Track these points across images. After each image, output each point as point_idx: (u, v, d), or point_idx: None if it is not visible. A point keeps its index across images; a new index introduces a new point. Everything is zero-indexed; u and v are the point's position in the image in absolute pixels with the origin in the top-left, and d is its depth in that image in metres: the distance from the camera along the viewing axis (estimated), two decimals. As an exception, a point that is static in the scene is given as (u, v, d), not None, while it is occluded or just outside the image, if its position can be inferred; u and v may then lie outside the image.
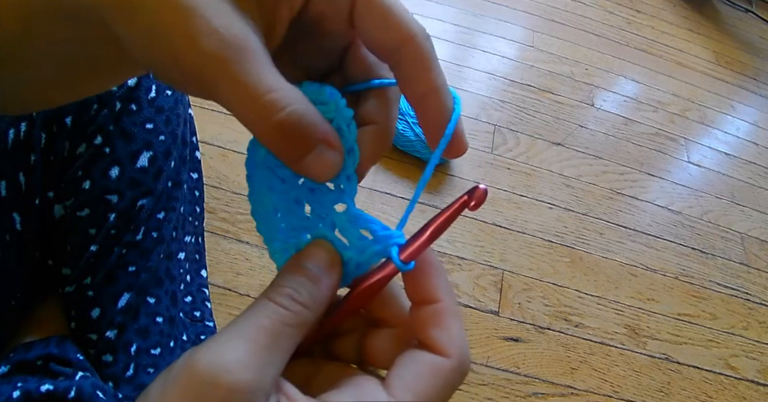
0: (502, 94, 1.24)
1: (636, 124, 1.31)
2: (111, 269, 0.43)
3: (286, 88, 0.18)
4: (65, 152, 0.41)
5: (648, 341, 0.89)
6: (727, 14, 1.95)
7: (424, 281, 0.21)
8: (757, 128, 1.46)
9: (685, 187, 1.19)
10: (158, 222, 0.45)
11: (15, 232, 0.39)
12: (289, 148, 0.19)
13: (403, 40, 0.19)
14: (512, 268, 0.92)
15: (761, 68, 1.71)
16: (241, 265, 0.80)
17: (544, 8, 1.59)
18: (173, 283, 0.49)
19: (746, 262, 1.08)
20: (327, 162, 0.19)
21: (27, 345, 0.41)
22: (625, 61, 1.51)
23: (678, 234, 1.08)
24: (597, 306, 0.92)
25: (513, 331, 0.84)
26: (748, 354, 0.93)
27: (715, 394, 0.86)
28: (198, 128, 0.56)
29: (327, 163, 0.19)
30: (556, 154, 1.16)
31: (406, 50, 0.19)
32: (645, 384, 0.84)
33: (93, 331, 0.43)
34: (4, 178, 0.37)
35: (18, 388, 0.36)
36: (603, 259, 0.99)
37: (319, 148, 0.19)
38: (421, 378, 0.19)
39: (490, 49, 1.36)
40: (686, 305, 0.97)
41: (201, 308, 0.60)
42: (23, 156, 0.38)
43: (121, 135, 0.42)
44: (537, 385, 0.79)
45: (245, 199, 0.90)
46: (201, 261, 0.63)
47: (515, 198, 1.03)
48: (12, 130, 0.37)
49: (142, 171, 0.43)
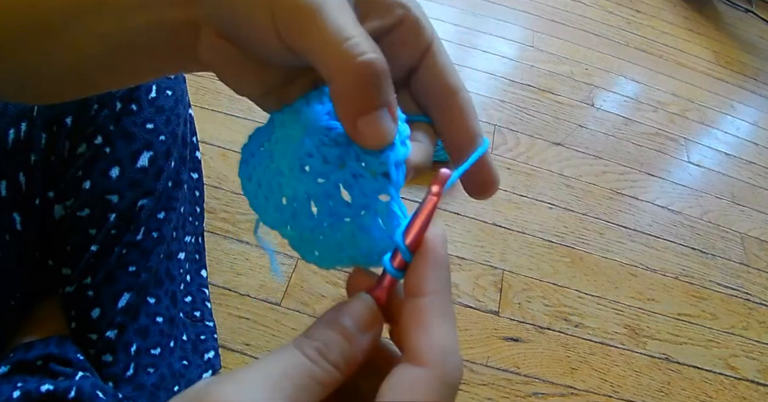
0: (502, 94, 1.24)
1: (636, 124, 1.31)
2: (111, 269, 0.43)
3: (370, 39, 0.18)
4: (65, 152, 0.41)
5: (648, 341, 0.89)
6: (727, 14, 1.95)
7: (414, 271, 0.19)
8: (757, 128, 1.46)
9: (685, 187, 1.19)
10: (158, 222, 0.45)
11: (15, 232, 0.39)
12: (357, 97, 0.18)
13: (451, 93, 0.23)
14: (512, 268, 0.92)
15: (761, 68, 1.71)
16: (241, 265, 0.80)
17: (544, 8, 1.59)
18: (173, 283, 0.49)
19: (746, 262, 1.08)
20: (384, 127, 0.19)
21: (27, 345, 0.41)
22: (625, 61, 1.51)
23: (678, 234, 1.08)
24: (597, 306, 0.92)
25: (513, 331, 0.84)
26: (748, 354, 0.93)
27: (715, 394, 0.86)
28: (198, 128, 0.56)
29: (384, 127, 0.19)
30: (556, 154, 1.16)
31: (453, 102, 0.22)
32: (645, 384, 0.84)
33: (93, 331, 0.43)
34: (4, 178, 0.37)
35: (18, 388, 0.36)
36: (603, 259, 0.99)
37: (381, 111, 0.19)
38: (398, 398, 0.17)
39: (489, 49, 1.36)
40: (686, 305, 0.97)
41: (201, 308, 0.60)
42: (23, 156, 0.38)
43: (122, 135, 0.42)
44: (537, 385, 0.79)
45: (245, 199, 0.90)
46: (201, 261, 0.63)
47: (515, 198, 1.03)
48: (12, 130, 0.37)
49: (142, 171, 0.43)
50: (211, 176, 0.88)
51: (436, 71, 0.22)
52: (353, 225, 0.21)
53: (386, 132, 0.19)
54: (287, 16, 0.18)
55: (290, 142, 0.21)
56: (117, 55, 0.21)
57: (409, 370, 0.17)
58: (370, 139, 0.19)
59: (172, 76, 0.46)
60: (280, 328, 0.75)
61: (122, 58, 0.21)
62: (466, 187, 0.24)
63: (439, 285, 0.19)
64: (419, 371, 0.17)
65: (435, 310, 0.18)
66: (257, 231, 0.23)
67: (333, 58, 0.18)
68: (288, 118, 0.22)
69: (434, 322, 0.18)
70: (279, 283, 0.79)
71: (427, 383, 0.17)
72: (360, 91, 0.18)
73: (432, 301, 0.18)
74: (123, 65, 0.21)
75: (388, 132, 0.19)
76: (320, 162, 0.20)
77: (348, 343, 0.18)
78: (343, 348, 0.18)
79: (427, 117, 0.24)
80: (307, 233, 0.21)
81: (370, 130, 0.19)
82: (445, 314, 0.18)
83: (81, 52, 0.20)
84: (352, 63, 0.18)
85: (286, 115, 0.22)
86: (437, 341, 0.18)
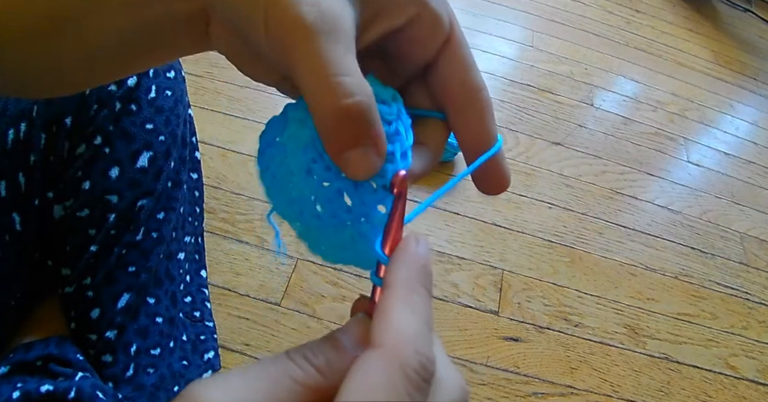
0: (502, 94, 1.24)
1: (635, 123, 1.31)
2: (111, 270, 0.43)
3: (360, 76, 0.18)
4: (65, 152, 0.40)
5: (648, 341, 0.89)
6: (727, 14, 1.95)
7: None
8: (757, 128, 1.46)
9: (685, 186, 1.19)
10: (158, 222, 0.45)
11: (15, 233, 0.39)
12: (339, 136, 0.18)
13: (471, 92, 0.22)
14: (512, 268, 0.92)
15: (760, 68, 1.71)
16: (240, 265, 0.80)
17: (543, 8, 1.59)
18: (173, 283, 0.49)
19: (746, 262, 1.08)
20: (367, 163, 0.19)
21: (27, 345, 0.41)
22: (625, 60, 1.51)
23: (677, 234, 1.08)
24: (597, 306, 0.92)
25: (513, 331, 0.84)
26: (748, 353, 0.93)
27: (715, 394, 0.86)
28: (198, 128, 0.56)
29: (367, 164, 0.19)
30: (555, 153, 1.16)
31: (473, 101, 0.22)
32: (645, 383, 0.84)
33: (93, 331, 0.43)
34: (4, 178, 0.37)
35: (18, 389, 0.36)
36: (603, 258, 0.99)
37: (366, 147, 0.19)
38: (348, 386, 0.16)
39: (489, 48, 1.36)
40: (686, 305, 0.97)
41: (201, 308, 0.60)
42: (23, 156, 0.38)
43: (121, 135, 0.42)
44: (537, 385, 0.79)
45: (245, 199, 0.90)
46: (201, 261, 0.63)
47: (515, 198, 1.03)
48: (11, 131, 0.37)
49: (141, 171, 0.43)
50: (211, 176, 0.88)
51: (455, 67, 0.22)
52: (353, 230, 0.21)
53: (368, 168, 0.19)
54: (281, 30, 0.17)
55: (299, 144, 0.21)
56: (130, 46, 0.21)
57: (363, 354, 0.17)
58: (353, 172, 0.19)
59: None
60: (279, 328, 0.75)
61: (134, 48, 0.21)
62: (478, 184, 0.24)
63: (403, 276, 0.19)
64: (370, 352, 0.17)
65: (396, 299, 0.18)
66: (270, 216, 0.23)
67: (318, 93, 0.18)
68: (298, 115, 0.22)
69: (394, 309, 0.18)
70: (280, 284, 0.79)
71: (377, 362, 0.16)
72: (342, 130, 0.18)
73: (394, 292, 0.18)
74: (135, 55, 0.21)
75: (370, 168, 0.19)
76: (323, 169, 0.21)
77: (336, 352, 0.18)
78: (329, 355, 0.18)
79: (441, 113, 0.23)
80: (314, 230, 0.22)
81: (352, 164, 0.19)
82: (408, 304, 0.18)
83: (95, 44, 0.20)
84: (335, 103, 0.17)
85: (298, 110, 0.22)
86: (394, 325, 0.17)
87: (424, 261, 0.19)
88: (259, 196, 0.89)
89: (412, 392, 0.16)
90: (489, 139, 0.23)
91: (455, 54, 0.22)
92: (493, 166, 0.23)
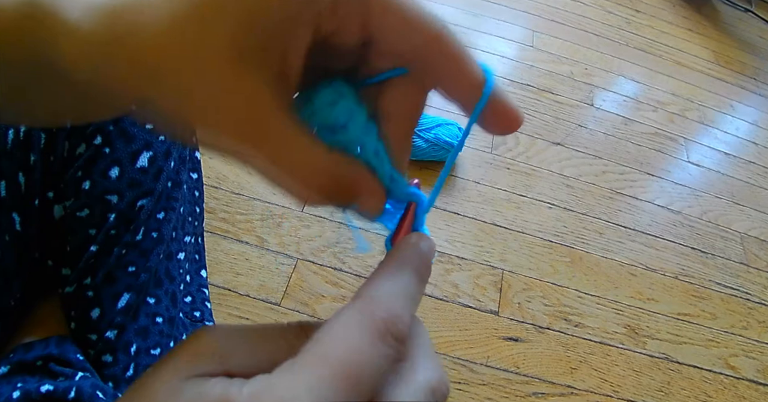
0: (502, 94, 1.24)
1: (635, 123, 1.31)
2: (111, 269, 0.43)
3: (316, 154, 0.18)
4: (65, 152, 0.40)
5: (648, 341, 0.89)
6: (727, 14, 1.95)
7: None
8: (757, 128, 1.46)
9: (685, 186, 1.19)
10: (158, 222, 0.45)
11: (15, 233, 0.39)
12: (333, 203, 0.20)
13: (426, 41, 0.18)
14: (512, 268, 0.92)
15: (760, 68, 1.71)
16: (240, 265, 0.80)
17: (543, 8, 1.59)
18: (173, 283, 0.49)
19: (746, 262, 1.08)
20: (371, 205, 0.21)
21: (27, 345, 0.41)
22: (625, 60, 1.51)
23: (677, 234, 1.08)
24: (597, 306, 0.92)
25: (513, 331, 0.84)
26: (748, 353, 0.93)
27: (715, 394, 0.86)
28: (198, 128, 0.56)
29: (371, 206, 0.21)
30: (555, 153, 1.16)
31: (434, 50, 0.18)
32: (645, 384, 0.84)
33: (93, 331, 0.43)
34: (4, 178, 0.37)
35: (18, 389, 0.36)
36: (603, 258, 0.99)
37: (361, 198, 0.20)
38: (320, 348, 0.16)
39: (489, 49, 1.36)
40: (686, 305, 0.97)
41: (201, 308, 0.60)
42: (23, 156, 0.38)
43: (121, 135, 0.42)
44: (537, 385, 0.79)
45: (245, 199, 0.90)
46: (201, 261, 0.63)
47: (515, 198, 1.03)
48: (12, 130, 0.37)
49: (141, 171, 0.43)
50: (211, 176, 0.88)
51: (393, 20, 0.18)
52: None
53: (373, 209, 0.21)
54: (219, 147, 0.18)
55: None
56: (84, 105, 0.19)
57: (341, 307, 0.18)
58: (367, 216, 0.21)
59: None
60: (279, 328, 0.75)
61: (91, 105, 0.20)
62: (490, 127, 0.21)
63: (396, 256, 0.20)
64: (346, 304, 0.17)
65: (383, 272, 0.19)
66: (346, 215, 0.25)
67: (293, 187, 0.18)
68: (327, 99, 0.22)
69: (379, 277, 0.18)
70: (280, 284, 0.79)
71: (349, 310, 0.17)
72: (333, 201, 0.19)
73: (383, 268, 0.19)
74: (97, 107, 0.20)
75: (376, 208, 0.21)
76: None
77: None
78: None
79: (402, 68, 0.20)
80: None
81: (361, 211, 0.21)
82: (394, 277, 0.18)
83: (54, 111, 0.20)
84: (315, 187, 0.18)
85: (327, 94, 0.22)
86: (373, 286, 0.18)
87: (422, 251, 0.20)
88: (259, 196, 0.89)
89: (376, 341, 0.16)
90: (473, 80, 0.19)
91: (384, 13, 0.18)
92: (496, 103, 0.20)
